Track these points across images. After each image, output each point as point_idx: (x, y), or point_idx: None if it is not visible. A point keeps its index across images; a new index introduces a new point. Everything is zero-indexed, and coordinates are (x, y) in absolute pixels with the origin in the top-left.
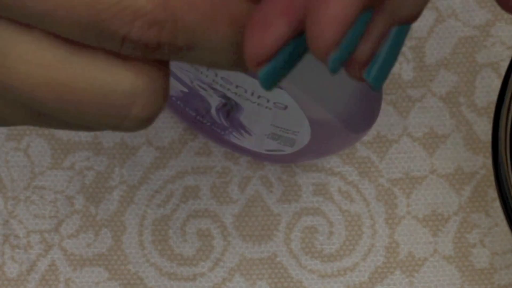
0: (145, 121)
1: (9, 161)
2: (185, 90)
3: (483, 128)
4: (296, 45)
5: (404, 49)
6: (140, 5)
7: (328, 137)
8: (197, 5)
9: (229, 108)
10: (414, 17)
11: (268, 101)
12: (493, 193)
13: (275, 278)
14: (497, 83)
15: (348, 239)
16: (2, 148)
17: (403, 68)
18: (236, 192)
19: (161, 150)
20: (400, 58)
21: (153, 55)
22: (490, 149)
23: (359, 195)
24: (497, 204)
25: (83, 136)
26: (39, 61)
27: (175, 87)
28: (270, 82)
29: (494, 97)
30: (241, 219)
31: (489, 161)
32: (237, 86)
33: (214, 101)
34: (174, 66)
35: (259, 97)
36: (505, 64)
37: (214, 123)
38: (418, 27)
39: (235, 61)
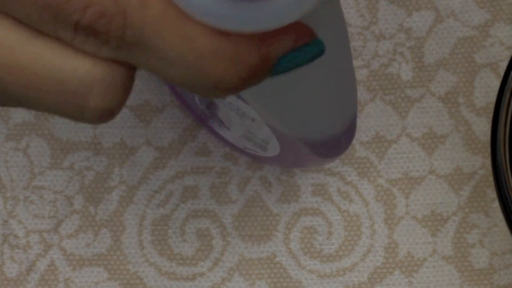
0: (106, 113)
1: (8, 161)
2: None
3: (482, 128)
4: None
5: (403, 49)
6: None
7: (294, 155)
8: (148, 8)
9: (208, 102)
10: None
11: (237, 109)
12: (492, 193)
13: (274, 278)
14: (496, 83)
15: (347, 239)
16: (2, 148)
17: (402, 68)
18: (235, 192)
19: (161, 150)
20: (399, 58)
21: (104, 48)
22: (489, 149)
23: (358, 196)
24: (496, 204)
25: (83, 136)
26: (2, 41)
27: None
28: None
29: (493, 97)
30: (240, 219)
31: (488, 161)
32: None
33: None
34: None
35: (230, 103)
36: (504, 64)
37: (199, 109)
38: (417, 27)
39: (183, 79)
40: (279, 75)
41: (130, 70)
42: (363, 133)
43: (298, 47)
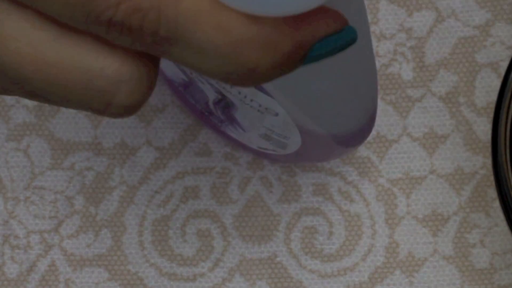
0: (130, 109)
1: (9, 161)
2: (186, 79)
3: (483, 128)
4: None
5: (404, 49)
6: None
7: (318, 147)
8: (182, 0)
9: (225, 104)
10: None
11: (260, 105)
12: (493, 193)
13: (275, 278)
14: (496, 83)
15: (348, 239)
16: (2, 148)
17: (403, 68)
18: (236, 193)
19: (161, 150)
20: (400, 58)
21: (138, 43)
22: (489, 149)
23: (359, 195)
24: (497, 204)
25: (83, 136)
26: (29, 40)
27: (177, 74)
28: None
29: (493, 97)
30: (241, 219)
31: (488, 161)
32: (231, 86)
33: (211, 95)
34: None
35: (251, 100)
36: (505, 64)
37: (212, 114)
38: (418, 27)
39: (218, 69)
40: (311, 63)
41: (156, 65)
42: None
43: (331, 35)
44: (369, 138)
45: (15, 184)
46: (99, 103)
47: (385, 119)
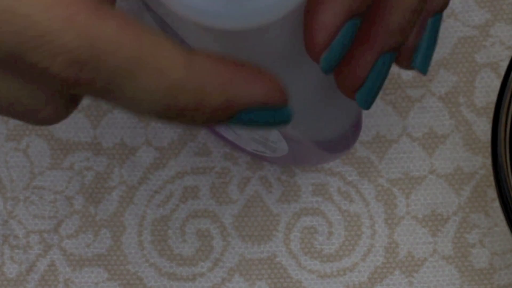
0: (48, 123)
1: (8, 161)
2: None
3: (483, 128)
4: (346, 32)
5: None
6: (65, 40)
7: (304, 153)
8: (123, 50)
9: None
10: (444, 6)
11: None
12: (492, 193)
13: (275, 278)
14: (496, 83)
15: (347, 239)
16: (2, 148)
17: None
18: (235, 193)
19: (161, 150)
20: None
21: (71, 91)
22: (489, 149)
23: (358, 195)
24: (496, 204)
25: (83, 136)
26: None
27: None
28: (330, 66)
29: (493, 97)
30: (240, 219)
31: (488, 161)
32: None
33: None
34: None
35: None
36: (505, 64)
37: None
38: None
39: (149, 110)
40: (234, 125)
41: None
42: (363, 133)
43: (265, 108)
44: (369, 138)
45: (15, 184)
46: (22, 117)
47: (385, 119)
